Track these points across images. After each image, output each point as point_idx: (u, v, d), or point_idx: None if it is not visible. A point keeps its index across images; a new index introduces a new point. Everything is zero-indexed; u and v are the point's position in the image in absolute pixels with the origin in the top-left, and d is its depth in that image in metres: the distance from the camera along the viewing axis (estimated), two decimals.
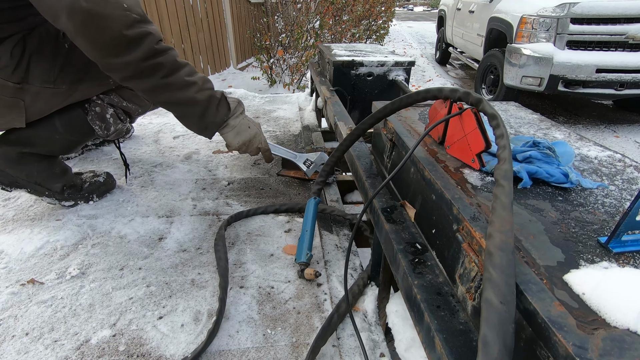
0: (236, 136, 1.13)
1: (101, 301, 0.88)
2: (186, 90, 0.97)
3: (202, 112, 1.03)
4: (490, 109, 0.63)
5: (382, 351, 0.78)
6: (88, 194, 1.24)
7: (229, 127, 1.11)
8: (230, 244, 1.08)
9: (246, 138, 1.15)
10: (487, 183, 0.65)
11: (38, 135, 1.09)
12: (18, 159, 1.09)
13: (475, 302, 0.51)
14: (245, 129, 1.15)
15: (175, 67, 0.95)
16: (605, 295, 0.40)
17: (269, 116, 2.20)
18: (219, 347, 0.78)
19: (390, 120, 0.95)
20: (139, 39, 0.87)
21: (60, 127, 1.11)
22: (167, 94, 0.96)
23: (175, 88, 0.96)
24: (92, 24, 0.81)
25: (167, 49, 0.93)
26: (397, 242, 0.70)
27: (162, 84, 0.94)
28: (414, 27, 14.65)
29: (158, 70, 0.92)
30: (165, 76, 0.93)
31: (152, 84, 0.93)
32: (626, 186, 0.66)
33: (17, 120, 1.02)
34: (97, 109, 1.14)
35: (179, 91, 0.97)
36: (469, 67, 6.73)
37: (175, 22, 3.95)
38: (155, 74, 0.92)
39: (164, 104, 1.00)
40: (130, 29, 0.85)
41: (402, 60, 1.93)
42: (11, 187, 1.13)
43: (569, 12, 3.38)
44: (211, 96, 1.04)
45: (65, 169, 1.21)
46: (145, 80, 0.92)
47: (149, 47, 0.88)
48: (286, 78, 5.22)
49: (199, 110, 1.02)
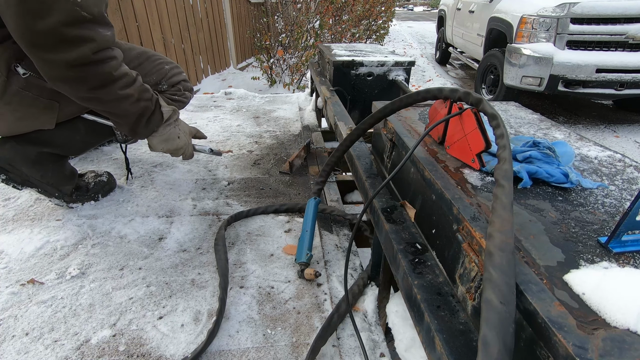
0: (162, 142, 1.11)
1: (101, 301, 0.88)
2: (117, 103, 0.93)
3: (133, 122, 1.00)
4: (490, 109, 0.63)
5: (382, 351, 0.78)
6: (94, 194, 1.25)
7: (157, 134, 1.09)
8: (230, 244, 1.08)
9: (172, 147, 1.13)
10: (487, 183, 0.65)
11: (60, 135, 1.09)
12: (36, 158, 1.09)
13: (475, 302, 0.51)
14: (174, 138, 1.12)
15: (109, 80, 0.87)
16: (605, 295, 0.40)
17: (269, 116, 2.20)
18: (219, 347, 0.78)
19: (390, 120, 0.94)
20: (76, 41, 0.78)
21: (82, 129, 1.11)
22: (96, 105, 0.92)
23: (105, 101, 0.91)
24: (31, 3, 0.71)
25: (105, 58, 0.84)
26: (397, 242, 0.70)
27: (90, 97, 0.88)
28: (414, 27, 14.64)
29: (85, 82, 0.84)
30: (94, 89, 0.87)
31: (79, 95, 0.88)
32: (626, 186, 0.66)
33: (48, 122, 1.01)
34: None
35: (110, 103, 0.92)
36: (469, 67, 6.73)
37: (175, 22, 3.94)
38: (83, 85, 0.85)
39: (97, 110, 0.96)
40: (71, 27, 0.76)
41: (402, 60, 1.93)
42: (23, 185, 1.13)
43: (569, 12, 3.37)
44: (145, 108, 1.00)
45: (74, 172, 1.22)
46: (72, 88, 0.86)
47: (82, 53, 0.79)
48: (286, 78, 5.22)
49: (130, 121, 0.99)
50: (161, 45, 3.65)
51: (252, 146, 1.76)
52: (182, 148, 1.16)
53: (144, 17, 3.38)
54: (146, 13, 3.41)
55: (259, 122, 2.10)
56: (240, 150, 1.71)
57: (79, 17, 0.76)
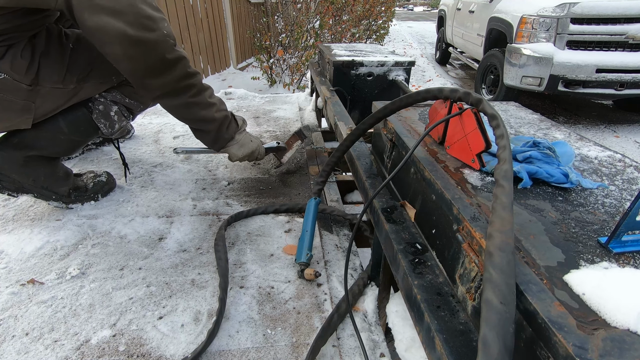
0: (240, 149, 1.26)
1: (101, 301, 0.88)
2: (208, 109, 1.10)
3: (217, 129, 1.16)
4: (490, 109, 0.63)
5: (382, 351, 0.78)
6: (93, 194, 1.25)
7: (234, 141, 1.24)
8: (230, 244, 1.08)
9: (249, 151, 1.28)
10: (487, 183, 0.65)
11: (43, 136, 1.09)
12: (24, 163, 1.09)
13: (475, 302, 0.51)
14: (247, 142, 1.28)
15: (202, 89, 1.07)
16: (605, 296, 0.40)
17: (269, 116, 2.20)
18: (219, 347, 0.78)
19: (390, 120, 0.94)
20: (176, 62, 0.96)
21: (65, 127, 1.11)
22: (193, 111, 1.08)
23: (199, 107, 1.08)
24: (139, 49, 0.89)
25: (196, 72, 1.04)
26: (397, 242, 0.70)
27: (190, 103, 1.05)
28: (414, 27, 14.64)
29: (189, 90, 1.03)
30: (193, 96, 1.04)
31: (180, 102, 1.04)
32: (626, 186, 0.66)
33: (25, 122, 1.03)
34: (101, 107, 1.15)
35: (202, 110, 1.09)
36: (469, 67, 6.73)
37: (175, 22, 3.94)
38: (186, 93, 1.03)
39: (187, 119, 1.11)
40: (170, 53, 0.94)
41: (402, 60, 1.93)
42: (18, 192, 1.13)
43: (569, 12, 3.37)
44: (226, 116, 1.17)
45: (68, 172, 1.22)
46: (176, 99, 1.03)
47: (183, 69, 0.98)
48: (286, 78, 5.22)
49: (215, 127, 1.15)
50: None
51: None
52: (256, 150, 1.31)
53: None
54: None
55: (259, 122, 2.10)
56: None
57: (171, 45, 0.95)
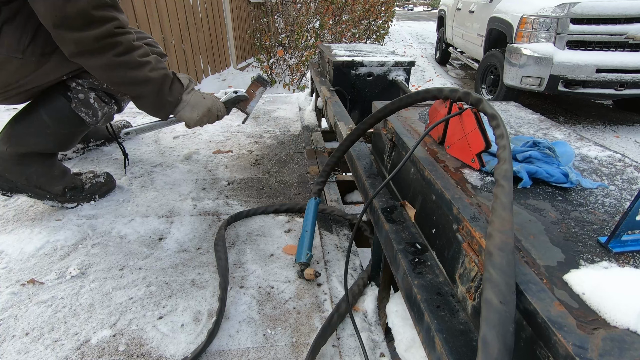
0: (193, 110, 1.14)
1: (101, 301, 0.88)
2: (140, 69, 0.98)
3: (157, 91, 1.04)
4: (490, 109, 0.63)
5: (382, 351, 0.78)
6: (90, 194, 1.24)
7: (184, 103, 1.12)
8: (230, 244, 1.08)
9: (204, 109, 1.16)
10: (487, 183, 0.65)
11: (29, 132, 1.08)
12: (17, 162, 1.08)
13: (475, 302, 0.51)
14: (200, 101, 1.15)
15: (130, 47, 0.96)
16: (605, 295, 0.40)
17: (269, 116, 2.20)
18: (219, 347, 0.78)
19: (390, 120, 0.94)
20: (103, 21, 0.89)
21: (48, 120, 1.09)
22: (120, 72, 0.97)
23: (128, 67, 0.97)
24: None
25: (124, 32, 0.94)
26: (397, 242, 0.70)
27: (114, 62, 0.94)
28: (414, 27, 14.64)
29: (112, 48, 0.93)
30: (118, 55, 0.94)
31: (103, 62, 0.93)
32: (626, 186, 0.66)
33: None
34: (80, 95, 1.09)
35: (133, 70, 0.98)
36: (469, 67, 6.73)
37: (175, 22, 3.94)
38: (109, 52, 0.93)
39: (118, 84, 1.01)
40: (98, 9, 0.87)
41: (402, 60, 1.93)
42: (11, 192, 1.13)
43: (569, 12, 3.37)
44: (165, 75, 1.05)
45: (65, 171, 1.21)
46: (96, 58, 0.92)
47: (107, 30, 0.90)
48: (286, 78, 5.22)
49: (153, 89, 1.03)
50: (161, 45, 3.65)
51: (252, 146, 1.76)
52: (213, 107, 1.19)
53: (144, 17, 3.38)
54: (146, 13, 3.41)
55: (259, 122, 2.10)
56: (240, 150, 1.71)
57: (103, 1, 0.88)
